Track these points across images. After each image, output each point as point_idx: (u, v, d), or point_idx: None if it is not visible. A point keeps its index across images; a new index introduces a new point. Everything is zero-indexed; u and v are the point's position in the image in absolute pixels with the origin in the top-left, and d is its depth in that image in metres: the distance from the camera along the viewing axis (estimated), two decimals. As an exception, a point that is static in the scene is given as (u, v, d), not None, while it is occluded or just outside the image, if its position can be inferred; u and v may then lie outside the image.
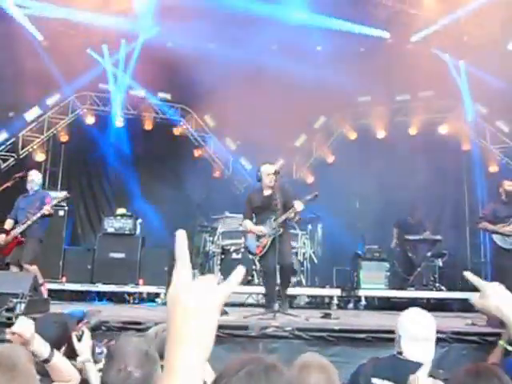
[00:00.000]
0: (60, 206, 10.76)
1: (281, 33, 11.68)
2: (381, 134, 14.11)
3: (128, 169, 13.62)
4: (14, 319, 6.11)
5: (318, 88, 11.39)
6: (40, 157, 13.72)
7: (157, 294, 10.67)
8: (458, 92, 12.85)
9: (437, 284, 11.06)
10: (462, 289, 10.94)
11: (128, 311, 8.48)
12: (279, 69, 11.47)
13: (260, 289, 9.36)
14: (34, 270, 8.68)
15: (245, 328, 5.97)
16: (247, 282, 10.62)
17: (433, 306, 10.12)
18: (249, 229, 7.95)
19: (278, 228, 7.47)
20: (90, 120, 14.14)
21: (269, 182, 7.72)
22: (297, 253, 11.21)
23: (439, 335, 3.75)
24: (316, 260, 11.67)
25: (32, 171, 9.26)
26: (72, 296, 10.74)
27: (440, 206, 13.71)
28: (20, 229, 8.66)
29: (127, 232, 11.34)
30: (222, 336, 5.77)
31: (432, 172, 12.46)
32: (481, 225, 9.10)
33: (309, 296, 11.39)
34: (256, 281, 10.55)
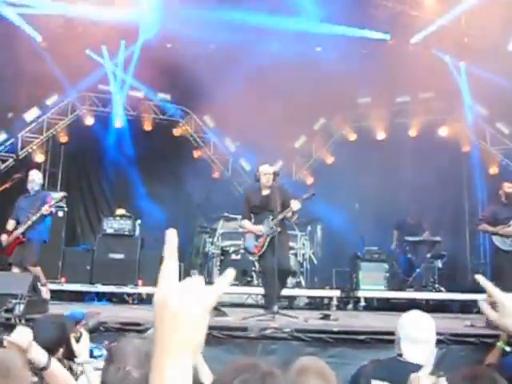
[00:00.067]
0: (59, 207, 10.75)
1: (281, 34, 11.69)
2: (381, 136, 14.08)
3: (127, 169, 13.59)
4: (13, 320, 6.11)
5: (318, 89, 11.39)
6: (39, 157, 13.70)
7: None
8: (458, 94, 12.84)
9: (436, 285, 11.07)
10: (462, 290, 10.96)
11: (127, 312, 8.47)
12: (279, 69, 11.46)
13: (259, 290, 9.36)
14: (37, 271, 8.72)
15: (244, 329, 5.95)
16: (246, 283, 10.63)
17: (432, 307, 10.13)
18: (247, 228, 7.96)
19: (276, 227, 7.47)
20: (90, 121, 14.12)
21: (266, 182, 7.74)
22: (296, 254, 11.21)
23: (438, 337, 3.74)
24: (315, 261, 11.66)
25: (32, 171, 9.23)
26: (71, 296, 10.72)
27: (440, 208, 13.67)
28: (21, 229, 8.66)
29: (126, 233, 11.34)
30: (221, 337, 5.76)
31: (432, 174, 12.42)
32: (480, 226, 9.10)
33: (308, 297, 11.39)
34: (255, 281, 10.56)
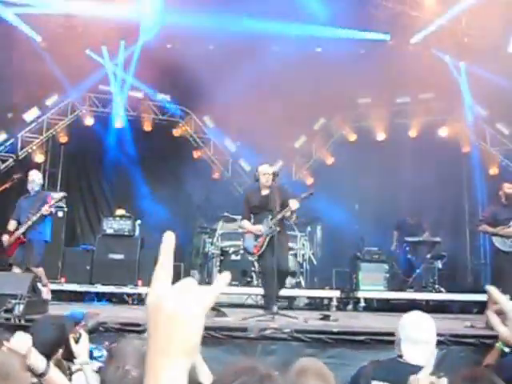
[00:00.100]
0: (59, 207, 10.74)
1: (281, 35, 11.70)
2: (381, 136, 14.06)
3: (127, 170, 13.58)
4: (13, 320, 6.11)
5: (318, 89, 11.38)
6: (39, 158, 13.70)
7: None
8: (458, 94, 12.82)
9: (436, 286, 11.05)
10: (462, 290, 10.96)
11: (127, 312, 8.46)
12: (279, 69, 11.46)
13: (259, 290, 9.36)
14: (40, 272, 8.77)
15: (243, 330, 5.95)
16: (246, 283, 10.63)
17: (432, 308, 10.12)
18: (247, 229, 7.97)
19: (275, 227, 7.48)
20: (90, 121, 14.12)
21: (265, 182, 7.74)
22: (296, 254, 11.22)
23: (438, 338, 3.74)
24: (315, 261, 11.66)
25: (32, 171, 9.21)
26: (71, 296, 10.72)
27: (440, 208, 13.66)
28: (22, 229, 8.67)
29: (126, 233, 11.34)
30: (221, 337, 5.76)
31: (432, 174, 12.41)
32: (480, 227, 9.09)
33: (308, 297, 11.39)
34: (255, 282, 10.56)
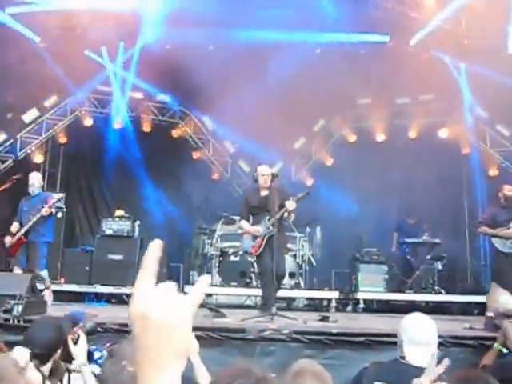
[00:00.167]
0: (59, 208, 10.73)
1: (281, 36, 11.70)
2: (380, 137, 14.03)
3: (127, 170, 13.56)
4: (12, 321, 6.10)
5: (318, 90, 11.37)
6: (38, 158, 13.68)
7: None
8: (458, 95, 12.80)
9: (436, 287, 11.05)
10: (461, 292, 10.95)
11: (126, 313, 8.43)
12: (279, 70, 11.44)
13: (258, 291, 9.34)
14: (44, 275, 8.80)
15: (242, 331, 5.94)
16: (245, 284, 10.63)
17: (431, 309, 10.11)
18: (245, 229, 7.98)
19: (273, 228, 7.48)
20: (89, 122, 14.10)
21: (264, 183, 7.75)
22: (295, 255, 11.21)
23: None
24: (314, 262, 11.65)
25: (31, 174, 9.21)
26: (70, 297, 10.72)
27: (440, 210, 13.65)
28: (22, 230, 8.72)
29: (125, 234, 11.35)
30: (219, 338, 5.75)
31: (432, 175, 12.40)
32: (480, 229, 9.08)
33: (307, 298, 11.38)
34: (254, 283, 10.55)
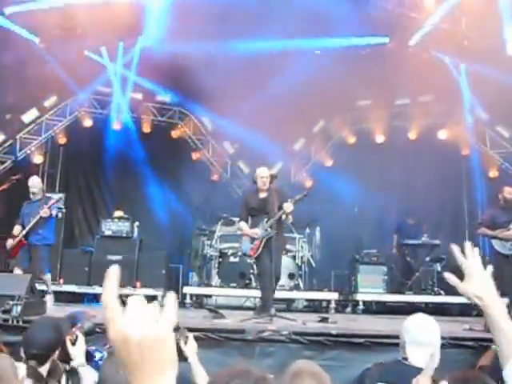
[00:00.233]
0: (58, 209, 10.72)
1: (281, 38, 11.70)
2: (380, 139, 14.02)
3: (126, 171, 13.55)
4: (11, 321, 6.09)
5: (317, 91, 11.36)
6: (38, 159, 13.66)
7: (154, 297, 10.66)
8: (458, 97, 12.79)
9: (435, 288, 11.03)
10: (461, 293, 10.90)
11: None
12: (278, 72, 11.45)
13: (257, 292, 9.33)
14: (48, 279, 8.87)
15: (241, 332, 5.93)
16: (244, 286, 10.62)
17: (431, 311, 10.07)
18: (244, 231, 7.97)
19: (271, 230, 7.48)
20: (88, 122, 14.08)
21: (262, 185, 7.77)
22: (295, 256, 11.20)
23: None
24: (314, 263, 11.64)
25: (31, 179, 9.20)
26: (69, 298, 10.71)
27: (439, 211, 13.64)
28: (24, 231, 8.77)
29: (125, 234, 11.34)
30: (218, 339, 5.74)
31: (431, 177, 12.40)
32: (480, 230, 9.09)
33: (307, 300, 11.37)
34: (253, 284, 10.54)
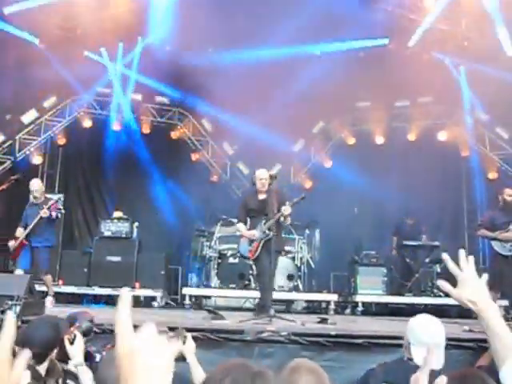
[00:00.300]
0: (57, 210, 10.69)
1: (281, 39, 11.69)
2: (379, 140, 14.01)
3: (125, 172, 13.53)
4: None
5: (317, 93, 11.35)
6: (37, 159, 13.65)
7: (153, 298, 10.66)
8: (458, 98, 12.80)
9: (435, 290, 11.02)
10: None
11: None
12: (278, 72, 11.44)
13: (257, 293, 9.32)
14: (49, 280, 8.90)
15: (240, 332, 5.91)
16: (244, 287, 10.60)
17: (430, 312, 10.00)
18: (242, 233, 7.98)
19: (269, 231, 7.48)
20: (88, 123, 14.06)
21: (261, 187, 7.77)
22: (294, 257, 11.19)
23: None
24: (313, 265, 11.63)
25: (32, 182, 9.23)
26: (68, 299, 10.70)
27: (439, 212, 13.65)
28: (25, 232, 8.82)
29: (124, 235, 11.33)
30: (218, 340, 5.72)
31: (431, 178, 12.39)
32: (479, 232, 9.09)
33: (306, 301, 11.36)
34: (253, 285, 10.53)
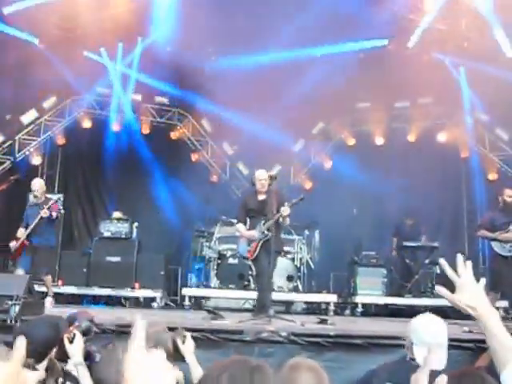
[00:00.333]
0: (57, 210, 10.68)
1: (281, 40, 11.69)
2: (379, 141, 14.02)
3: (125, 172, 13.53)
4: (9, 321, 6.07)
5: (317, 93, 11.35)
6: (36, 160, 13.63)
7: (152, 299, 10.65)
8: (458, 99, 12.80)
9: (434, 291, 11.00)
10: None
11: (124, 314, 8.40)
12: (278, 73, 11.44)
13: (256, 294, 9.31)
14: (49, 281, 8.90)
15: (240, 332, 5.91)
16: (243, 287, 10.59)
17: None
18: (241, 233, 7.98)
19: (268, 232, 7.48)
20: (87, 123, 14.04)
21: (261, 187, 7.78)
22: (294, 258, 11.18)
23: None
24: (313, 265, 11.62)
25: (34, 182, 9.22)
26: (68, 299, 10.69)
27: (438, 213, 13.64)
28: (26, 233, 8.80)
29: (123, 236, 11.32)
30: (217, 340, 5.72)
31: (430, 179, 12.39)
32: (479, 233, 9.09)
33: (305, 302, 11.34)
34: (252, 286, 10.51)
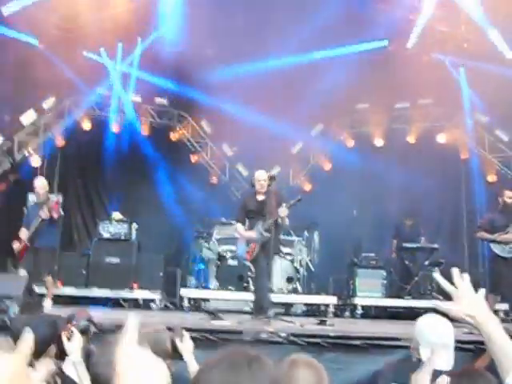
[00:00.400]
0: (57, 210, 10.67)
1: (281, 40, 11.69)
2: (379, 142, 14.02)
3: (124, 173, 13.53)
4: (8, 321, 6.06)
5: (316, 95, 11.35)
6: (36, 160, 13.60)
7: (151, 300, 10.63)
8: (458, 100, 12.81)
9: (434, 293, 10.99)
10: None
11: (123, 315, 8.38)
12: (278, 75, 11.44)
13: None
14: (49, 282, 8.84)
15: (239, 333, 5.91)
16: (243, 289, 10.56)
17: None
18: (240, 234, 7.98)
19: (266, 233, 7.48)
20: (87, 124, 14.02)
21: (260, 188, 7.80)
22: (293, 260, 11.15)
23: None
24: (312, 267, 11.60)
25: (36, 180, 9.18)
26: (67, 300, 10.66)
27: (438, 215, 13.64)
28: (27, 234, 8.74)
29: (123, 237, 11.28)
30: (216, 340, 5.71)
31: (430, 180, 12.39)
32: (478, 234, 9.09)
33: (305, 304, 11.32)
34: (251, 287, 10.48)
